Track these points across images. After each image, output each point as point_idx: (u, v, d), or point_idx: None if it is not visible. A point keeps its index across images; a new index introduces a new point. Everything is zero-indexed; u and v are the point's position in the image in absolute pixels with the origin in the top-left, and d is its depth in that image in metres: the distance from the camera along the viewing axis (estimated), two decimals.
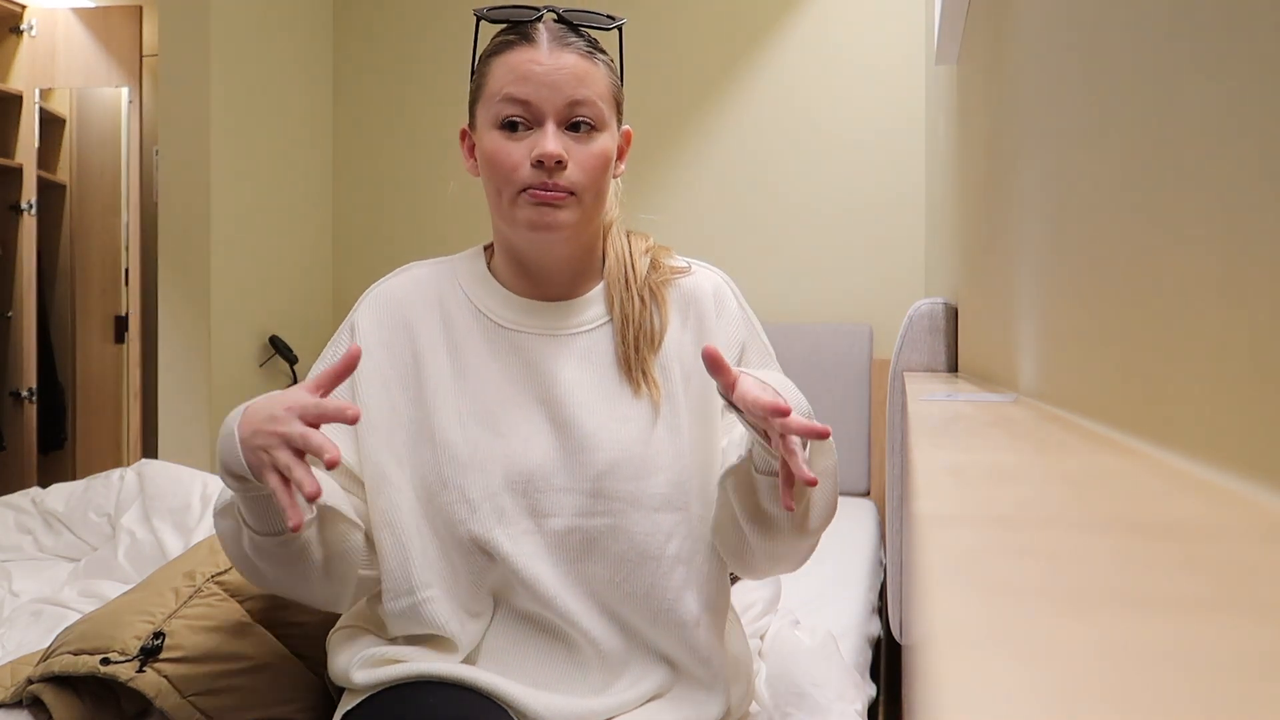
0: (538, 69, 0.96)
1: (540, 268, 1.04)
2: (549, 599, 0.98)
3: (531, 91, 0.96)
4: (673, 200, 3.12)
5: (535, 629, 1.01)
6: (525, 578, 0.97)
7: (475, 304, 1.05)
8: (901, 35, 2.94)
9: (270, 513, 0.90)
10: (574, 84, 0.97)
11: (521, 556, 0.97)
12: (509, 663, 1.00)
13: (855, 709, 1.32)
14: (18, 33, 3.65)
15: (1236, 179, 0.35)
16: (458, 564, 0.99)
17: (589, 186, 0.98)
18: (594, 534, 0.98)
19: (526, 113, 0.97)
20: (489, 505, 0.97)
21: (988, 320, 1.18)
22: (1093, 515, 0.35)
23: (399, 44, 3.37)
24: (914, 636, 0.33)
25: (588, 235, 1.03)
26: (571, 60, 0.97)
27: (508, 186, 0.97)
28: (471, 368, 1.02)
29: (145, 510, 2.01)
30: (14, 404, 3.60)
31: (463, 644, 0.99)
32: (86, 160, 3.78)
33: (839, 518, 2.46)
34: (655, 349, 1.03)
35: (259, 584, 1.00)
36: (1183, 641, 0.21)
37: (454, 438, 0.99)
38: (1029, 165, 0.86)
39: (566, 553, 0.99)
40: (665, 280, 1.06)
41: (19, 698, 1.12)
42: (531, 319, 1.04)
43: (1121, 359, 0.51)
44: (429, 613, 0.97)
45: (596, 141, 0.98)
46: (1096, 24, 0.59)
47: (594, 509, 0.98)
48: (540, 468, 0.99)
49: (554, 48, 0.97)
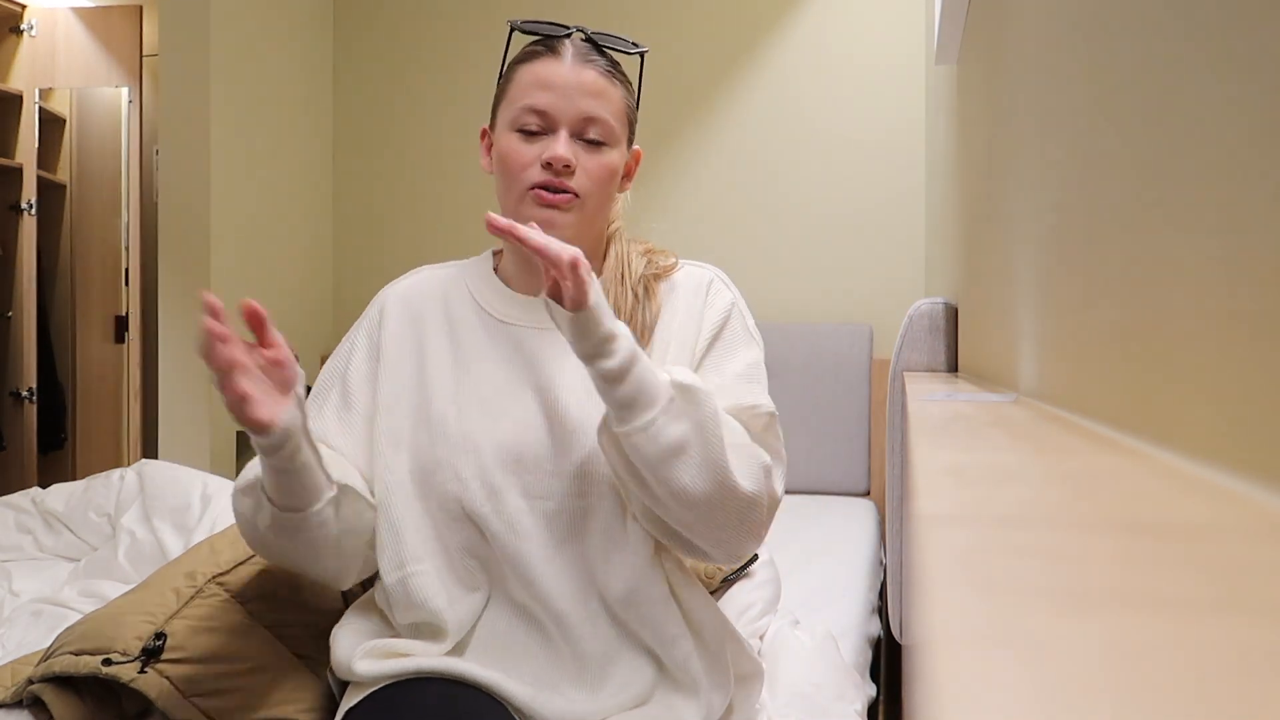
0: (559, 81, 1.03)
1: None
2: (534, 580, 1.00)
3: (550, 101, 1.02)
4: (673, 200, 3.12)
5: (527, 623, 1.02)
6: (511, 553, 1.00)
7: (478, 300, 1.11)
8: (901, 35, 2.94)
9: (294, 488, 0.94)
10: (590, 99, 1.03)
11: (511, 534, 1.01)
12: (501, 656, 1.02)
13: (855, 709, 1.32)
14: (18, 33, 3.65)
15: (1237, 178, 0.35)
16: (449, 541, 1.03)
17: (593, 193, 1.04)
18: (578, 515, 1.02)
19: (543, 121, 1.03)
20: (479, 482, 1.01)
21: (988, 320, 1.18)
22: (1093, 515, 0.35)
23: (399, 44, 3.37)
24: (914, 636, 0.33)
25: (588, 239, 1.06)
26: (591, 77, 1.04)
27: (517, 184, 1.03)
28: (471, 359, 1.07)
29: (145, 510, 2.01)
30: (14, 404, 3.60)
31: (450, 625, 1.01)
32: (86, 160, 3.78)
33: (839, 518, 2.47)
34: (645, 342, 1.06)
35: (267, 557, 1.07)
36: (1183, 641, 0.21)
37: (449, 420, 1.04)
38: (1029, 165, 0.86)
39: (554, 534, 1.02)
40: (657, 274, 1.11)
41: (19, 698, 1.12)
42: (530, 315, 1.08)
43: (1121, 359, 0.51)
44: (416, 586, 1.01)
45: (605, 155, 1.05)
46: (1096, 24, 0.59)
47: (579, 491, 1.02)
48: (531, 449, 1.03)
49: (576, 63, 1.04)
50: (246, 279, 3.03)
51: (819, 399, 2.79)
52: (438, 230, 3.29)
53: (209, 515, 1.95)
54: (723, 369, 1.06)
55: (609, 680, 1.01)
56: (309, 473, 0.94)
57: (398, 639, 1.04)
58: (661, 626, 1.01)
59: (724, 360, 1.07)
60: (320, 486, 0.96)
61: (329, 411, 1.09)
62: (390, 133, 3.39)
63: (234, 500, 1.02)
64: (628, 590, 1.01)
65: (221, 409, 2.90)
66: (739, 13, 3.09)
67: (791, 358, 2.79)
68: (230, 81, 2.93)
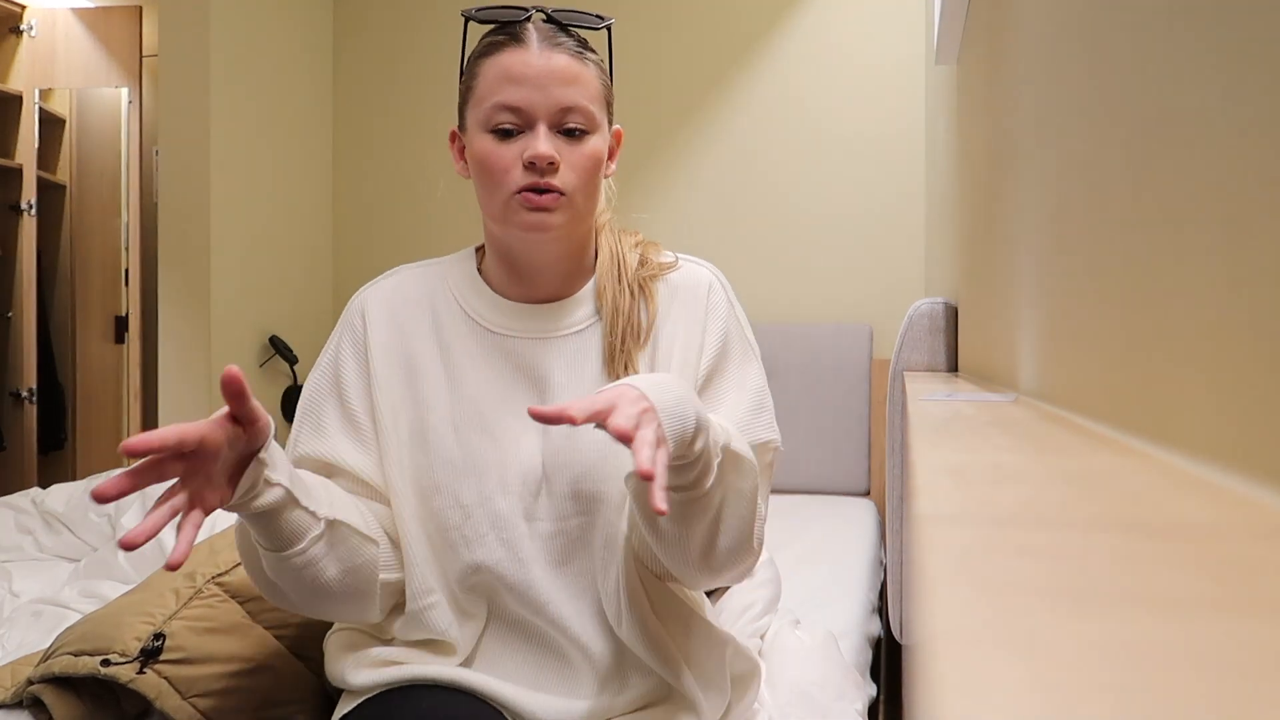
0: (529, 72, 0.95)
1: (532, 268, 1.04)
2: (540, 605, 0.98)
3: (523, 96, 0.95)
4: (672, 200, 3.12)
5: (528, 634, 1.01)
6: (513, 582, 0.97)
7: (465, 308, 1.05)
8: (901, 35, 2.94)
9: (272, 527, 0.88)
10: (565, 88, 0.96)
11: (513, 562, 0.97)
12: (505, 666, 1.00)
13: (855, 709, 1.32)
14: (18, 33, 3.65)
15: (1237, 178, 0.35)
16: (448, 567, 0.99)
17: (580, 187, 0.98)
18: (574, 534, 0.99)
19: (518, 118, 0.96)
20: (483, 510, 0.98)
21: (988, 320, 1.18)
22: (1093, 515, 0.35)
23: (399, 43, 3.37)
24: (914, 636, 0.33)
25: (579, 235, 1.03)
26: (562, 62, 0.97)
27: (500, 190, 0.97)
28: (463, 373, 1.02)
29: (145, 510, 2.00)
30: (14, 404, 3.60)
31: (461, 647, 0.99)
32: (86, 160, 3.77)
33: (839, 518, 2.47)
34: (641, 344, 1.03)
35: (287, 607, 0.98)
36: (1183, 641, 0.21)
37: (447, 443, 0.99)
38: (1029, 165, 0.86)
39: (554, 555, 0.99)
40: (654, 275, 1.06)
41: (19, 698, 1.12)
42: (521, 323, 1.04)
43: (1121, 359, 0.51)
44: (431, 618, 0.98)
45: (588, 144, 0.98)
46: (1096, 23, 0.59)
47: (572, 511, 0.99)
48: (532, 471, 0.99)
49: (544, 48, 0.97)
50: (246, 279, 3.03)
51: (819, 399, 2.79)
52: (438, 229, 3.29)
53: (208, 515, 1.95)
54: (737, 401, 1.03)
55: (608, 686, 1.00)
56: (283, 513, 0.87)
57: (391, 648, 1.02)
58: (660, 646, 0.99)
59: (734, 387, 1.04)
60: (303, 527, 0.89)
61: (332, 430, 1.02)
62: (390, 133, 3.39)
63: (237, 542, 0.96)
64: (625, 608, 0.98)
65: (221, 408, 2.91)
66: (739, 12, 3.09)
67: (791, 358, 2.79)
68: (230, 81, 2.93)
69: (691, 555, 0.93)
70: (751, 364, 1.07)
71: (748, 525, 0.94)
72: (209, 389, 2.90)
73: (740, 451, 0.92)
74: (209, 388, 2.90)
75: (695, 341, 1.04)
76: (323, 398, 1.03)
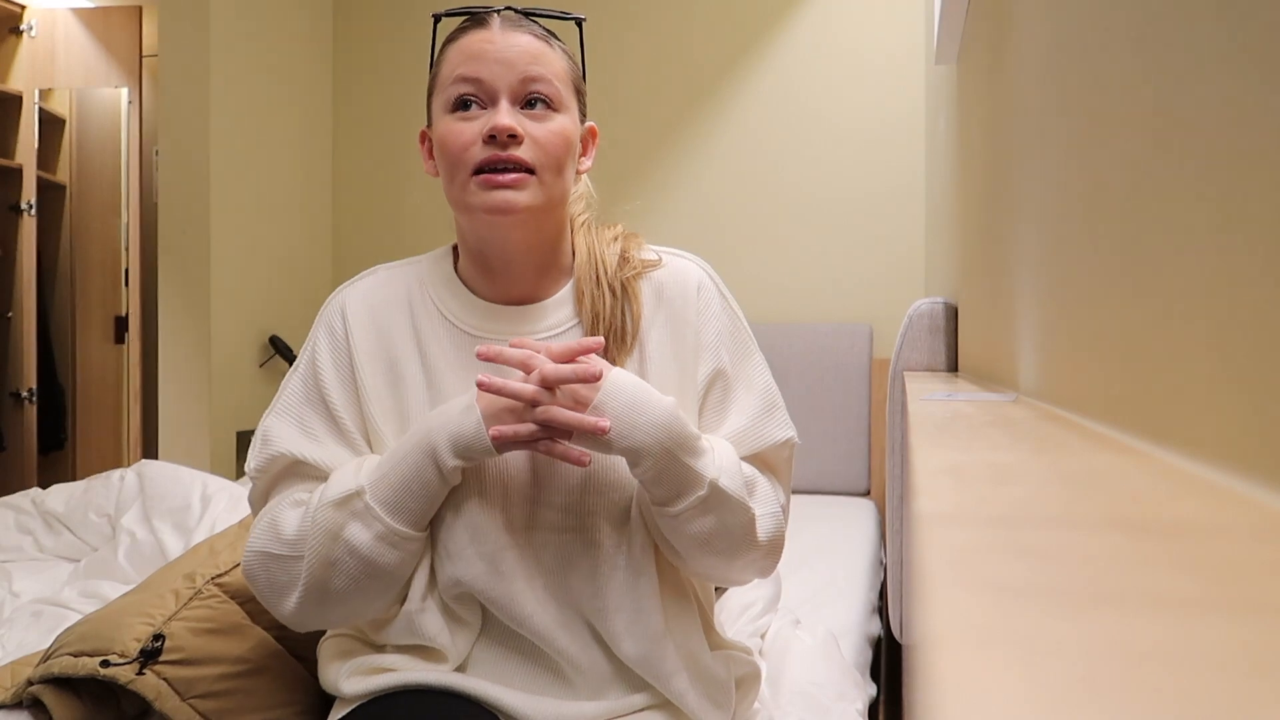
0: (490, 47, 0.93)
1: (502, 261, 0.98)
2: (523, 618, 0.95)
3: (483, 69, 0.92)
4: (672, 199, 3.12)
5: (519, 644, 0.98)
6: (493, 597, 0.94)
7: (441, 310, 1.00)
8: (901, 35, 2.95)
9: (437, 500, 0.92)
10: (528, 60, 0.93)
11: (493, 576, 0.94)
12: (499, 673, 0.98)
13: (855, 709, 1.32)
14: (17, 33, 3.65)
15: (1237, 178, 0.35)
16: (436, 577, 0.97)
17: (547, 164, 0.93)
18: (570, 547, 0.96)
19: (479, 90, 0.93)
20: (461, 523, 0.94)
21: (988, 320, 1.18)
22: (1093, 515, 0.35)
23: (399, 44, 3.37)
24: (914, 636, 0.33)
25: (550, 226, 0.98)
26: (525, 40, 0.94)
27: (460, 169, 0.92)
28: (442, 377, 0.98)
29: (145, 511, 2.01)
30: (14, 404, 3.60)
31: (452, 654, 0.97)
32: (86, 160, 3.78)
33: (839, 517, 2.47)
34: (627, 349, 0.98)
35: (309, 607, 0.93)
36: (1182, 641, 0.21)
37: None
38: (1029, 164, 0.86)
39: (543, 566, 0.96)
40: (638, 274, 1.01)
41: (19, 699, 1.11)
42: (498, 325, 0.99)
43: (1121, 359, 0.51)
44: (423, 623, 0.95)
45: (554, 120, 0.94)
46: (1096, 23, 0.59)
47: (566, 524, 0.96)
48: (515, 481, 0.95)
49: (506, 29, 0.95)
50: (246, 279, 3.03)
51: (819, 399, 2.79)
52: (437, 229, 3.29)
53: (209, 516, 1.95)
54: (747, 404, 1.00)
55: (606, 694, 0.98)
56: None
57: (384, 655, 0.99)
58: (658, 662, 0.96)
59: (742, 390, 1.01)
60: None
61: (323, 437, 0.98)
62: (390, 132, 3.39)
63: (318, 514, 0.91)
64: (620, 625, 0.96)
65: (222, 409, 2.91)
66: (739, 12, 3.09)
67: (791, 358, 2.80)
68: (230, 81, 2.94)
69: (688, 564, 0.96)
70: (754, 359, 1.03)
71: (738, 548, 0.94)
72: (209, 389, 2.90)
73: (729, 490, 0.91)
74: (209, 388, 2.90)
75: (689, 347, 1.00)
76: (304, 402, 0.99)
